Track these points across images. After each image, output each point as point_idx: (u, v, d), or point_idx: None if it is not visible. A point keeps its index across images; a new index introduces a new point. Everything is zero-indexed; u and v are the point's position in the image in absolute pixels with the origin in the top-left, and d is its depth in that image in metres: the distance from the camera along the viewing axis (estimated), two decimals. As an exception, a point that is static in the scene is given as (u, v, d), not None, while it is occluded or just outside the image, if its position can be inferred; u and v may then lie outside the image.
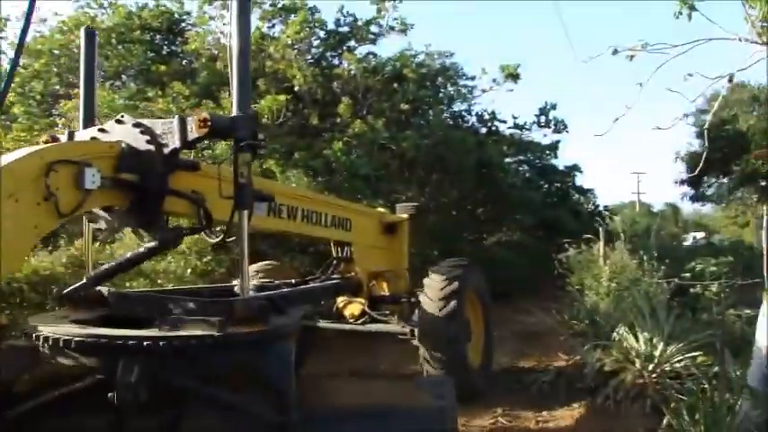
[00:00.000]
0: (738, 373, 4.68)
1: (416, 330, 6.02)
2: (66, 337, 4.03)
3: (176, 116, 4.23)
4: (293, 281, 6.10)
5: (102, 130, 4.25)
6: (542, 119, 17.03)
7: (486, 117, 16.17)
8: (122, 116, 4.26)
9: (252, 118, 4.30)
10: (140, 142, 4.09)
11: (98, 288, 4.54)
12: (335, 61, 14.46)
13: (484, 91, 15.68)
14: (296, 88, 12.58)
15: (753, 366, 4.27)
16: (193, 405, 4.02)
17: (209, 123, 4.06)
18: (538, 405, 6.23)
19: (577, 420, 5.89)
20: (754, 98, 19.80)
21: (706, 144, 14.73)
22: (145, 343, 3.81)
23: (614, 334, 6.61)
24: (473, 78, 16.22)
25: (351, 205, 6.58)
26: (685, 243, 20.08)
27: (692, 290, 7.52)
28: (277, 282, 5.69)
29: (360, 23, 14.60)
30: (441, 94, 15.66)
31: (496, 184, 15.86)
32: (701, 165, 15.37)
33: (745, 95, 19.74)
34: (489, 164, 15.23)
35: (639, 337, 6.23)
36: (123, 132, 4.14)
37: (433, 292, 6.06)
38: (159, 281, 7.29)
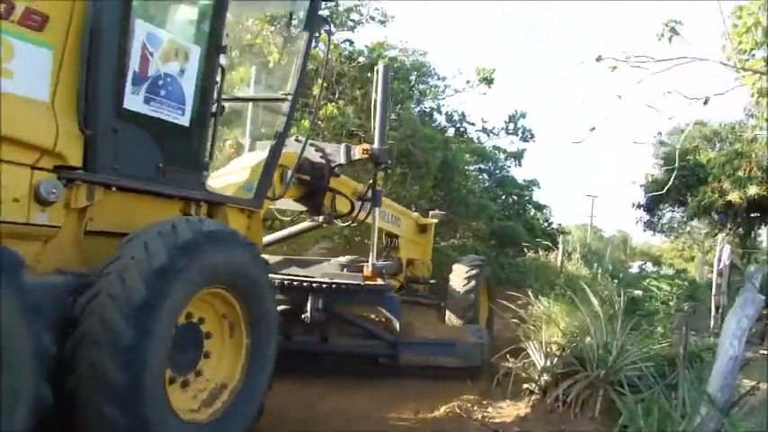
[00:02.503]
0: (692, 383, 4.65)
1: (447, 301, 8.34)
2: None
3: (343, 144, 6.61)
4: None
5: None
6: (511, 126, 17.04)
7: (456, 117, 16.09)
8: (298, 137, 6.34)
9: (389, 150, 7.14)
10: (315, 157, 6.23)
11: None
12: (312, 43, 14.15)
13: (457, 91, 15.60)
14: (270, 65, 12.26)
15: (714, 372, 4.18)
16: (338, 327, 6.41)
17: (370, 152, 6.42)
18: (485, 403, 6.12)
19: (524, 419, 5.76)
20: (714, 133, 20.32)
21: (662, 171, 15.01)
22: (324, 285, 6.21)
23: (566, 336, 6.58)
24: (444, 79, 16.18)
25: (402, 208, 8.70)
26: (631, 270, 20.42)
27: (646, 304, 7.50)
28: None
29: (341, 9, 14.35)
30: (412, 90, 15.54)
31: (456, 188, 15.78)
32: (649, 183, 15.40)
33: (707, 131, 20.25)
34: (451, 167, 15.15)
35: (594, 341, 6.15)
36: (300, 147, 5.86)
37: (459, 276, 8.37)
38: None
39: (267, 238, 7.31)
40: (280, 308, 6.01)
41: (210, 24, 4.27)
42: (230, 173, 5.46)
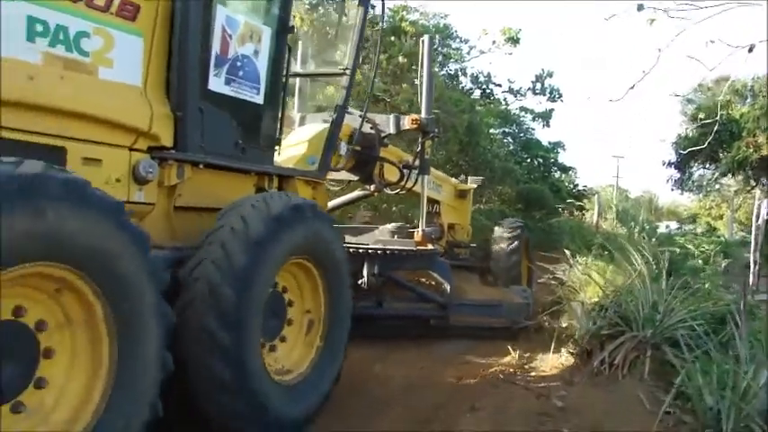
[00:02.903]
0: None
1: (491, 263, 8.75)
2: None
3: (392, 114, 6.82)
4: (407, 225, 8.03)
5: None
6: (538, 86, 16.91)
7: (482, 79, 15.99)
8: (349, 110, 6.00)
9: (436, 119, 7.22)
10: (365, 127, 6.13)
11: None
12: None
13: (482, 52, 15.47)
14: (294, 30, 12.22)
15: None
16: (390, 291, 6.64)
17: (419, 122, 6.53)
18: (527, 367, 6.08)
19: (569, 382, 5.52)
20: (745, 87, 19.91)
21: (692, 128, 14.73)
22: (379, 251, 6.37)
23: (608, 296, 6.56)
24: (467, 41, 16.05)
25: (442, 175, 8.90)
26: (658, 231, 20.28)
27: (689, 262, 7.54)
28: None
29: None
30: (436, 53, 15.46)
31: (481, 153, 15.79)
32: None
33: (738, 86, 19.85)
34: (477, 131, 15.12)
35: (640, 300, 6.05)
36: (352, 120, 5.91)
37: (502, 239, 8.83)
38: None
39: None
40: None
41: (280, 6, 4.48)
42: (287, 147, 5.63)
